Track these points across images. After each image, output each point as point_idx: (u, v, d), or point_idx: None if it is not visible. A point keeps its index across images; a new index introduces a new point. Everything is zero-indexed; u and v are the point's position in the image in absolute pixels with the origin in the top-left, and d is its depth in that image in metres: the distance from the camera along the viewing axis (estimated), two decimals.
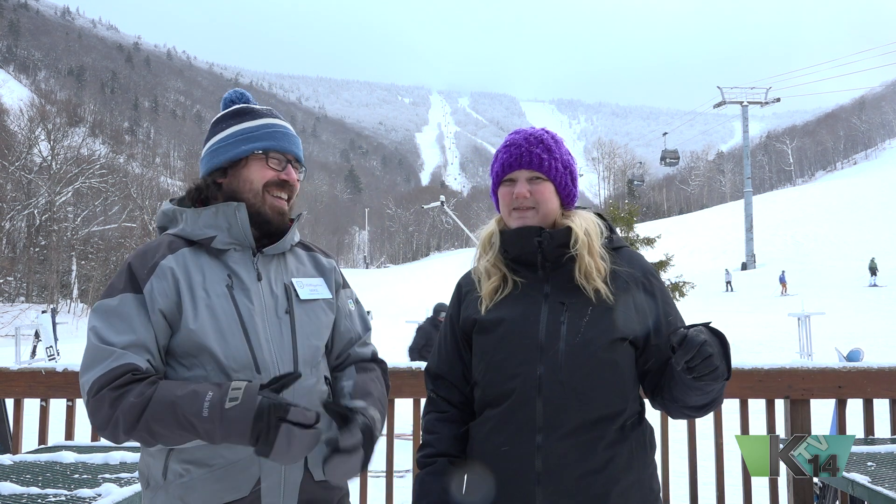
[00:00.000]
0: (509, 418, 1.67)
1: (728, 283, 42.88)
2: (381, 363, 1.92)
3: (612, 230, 1.84)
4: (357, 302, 1.93)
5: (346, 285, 1.93)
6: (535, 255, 1.73)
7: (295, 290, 1.74)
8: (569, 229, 1.73)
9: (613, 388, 1.66)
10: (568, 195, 1.79)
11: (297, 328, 1.71)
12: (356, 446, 1.56)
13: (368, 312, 8.71)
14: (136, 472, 2.35)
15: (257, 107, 1.82)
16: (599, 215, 1.89)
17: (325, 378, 1.78)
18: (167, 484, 1.60)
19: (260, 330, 1.65)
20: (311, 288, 1.78)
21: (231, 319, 1.62)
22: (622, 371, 1.68)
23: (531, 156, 1.75)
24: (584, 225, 1.74)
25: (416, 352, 9.40)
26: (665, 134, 59.96)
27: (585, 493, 1.62)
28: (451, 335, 1.85)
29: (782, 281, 39.13)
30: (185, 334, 1.59)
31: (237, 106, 1.82)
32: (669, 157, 57.94)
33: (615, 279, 1.71)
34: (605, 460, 1.63)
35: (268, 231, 1.73)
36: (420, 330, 9.58)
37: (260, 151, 1.72)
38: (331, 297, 1.82)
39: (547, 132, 1.83)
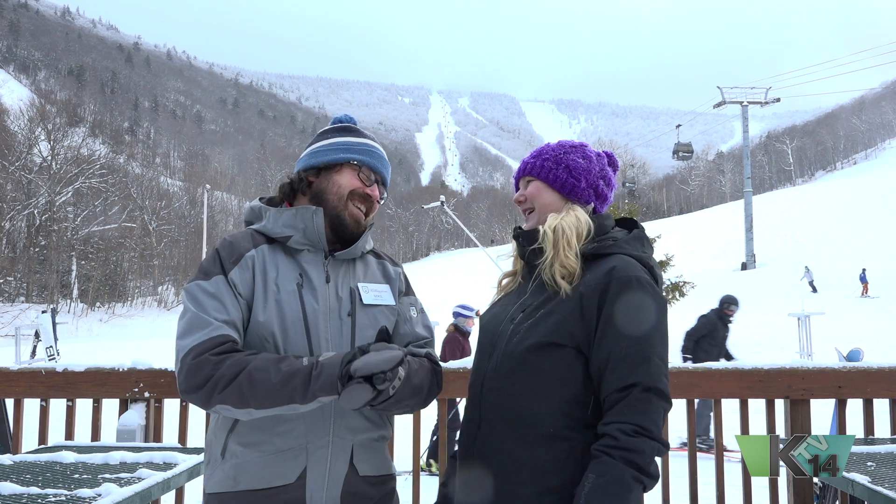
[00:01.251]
0: (465, 409, 1.82)
1: (811, 282, 37.53)
2: (434, 361, 1.91)
3: (609, 234, 1.79)
4: (421, 311, 1.99)
5: (409, 292, 2.00)
6: (525, 254, 1.83)
7: (359, 294, 1.83)
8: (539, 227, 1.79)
9: (534, 392, 1.65)
10: (563, 186, 1.82)
11: (356, 330, 1.79)
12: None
13: (477, 312, 8.56)
14: (137, 472, 2.36)
15: (364, 130, 1.98)
16: (632, 222, 1.87)
17: None
18: (224, 462, 1.72)
19: (321, 330, 1.75)
20: (375, 293, 1.87)
21: (296, 316, 1.73)
22: (547, 377, 1.64)
23: (522, 165, 1.91)
24: (558, 221, 1.76)
25: (692, 339, 8.96)
26: (678, 126, 57.30)
27: (501, 490, 1.65)
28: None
29: (863, 280, 33.96)
30: (254, 326, 1.71)
31: (346, 124, 1.98)
32: (683, 150, 55.45)
33: (581, 284, 1.68)
34: (522, 461, 1.63)
35: (342, 236, 1.85)
36: (703, 318, 9.15)
37: (355, 162, 1.87)
38: (394, 303, 1.91)
39: (559, 142, 1.94)
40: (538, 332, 1.67)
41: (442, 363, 2.13)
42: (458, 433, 1.85)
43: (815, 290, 37.14)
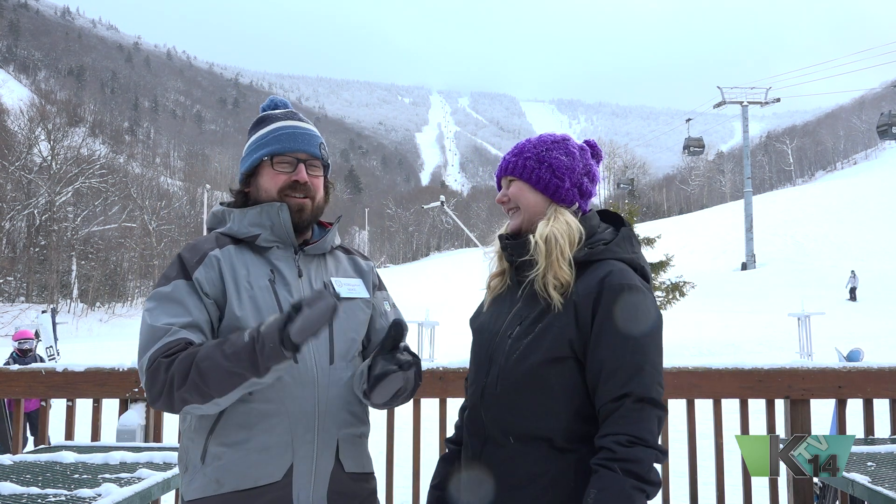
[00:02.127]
0: (467, 422, 1.80)
1: (853, 290, 33.95)
2: (414, 355, 1.89)
3: (598, 237, 1.75)
4: (394, 306, 1.98)
5: (381, 287, 1.99)
6: (512, 261, 1.79)
7: (333, 288, 1.81)
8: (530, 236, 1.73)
9: (543, 408, 1.64)
10: (546, 187, 1.75)
11: (334, 323, 1.74)
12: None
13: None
14: (137, 472, 2.36)
15: (275, 112, 1.88)
16: (615, 216, 1.85)
17: None
18: (205, 466, 1.67)
19: None
20: (349, 287, 1.85)
21: (271, 311, 1.70)
22: (555, 392, 1.64)
23: (503, 163, 1.84)
24: (549, 230, 1.70)
25: None
26: (688, 120, 52.99)
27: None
28: None
29: None
30: (230, 322, 1.69)
31: (260, 115, 1.89)
32: (694, 145, 51.74)
33: (573, 293, 1.65)
34: (534, 475, 1.63)
35: (301, 230, 1.82)
36: None
37: (266, 158, 1.80)
38: (368, 296, 1.89)
39: (540, 136, 1.86)
40: (541, 349, 1.64)
41: (425, 361, 2.14)
42: (463, 443, 1.84)
43: (854, 298, 33.78)
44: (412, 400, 3.28)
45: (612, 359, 1.59)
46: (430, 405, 3.29)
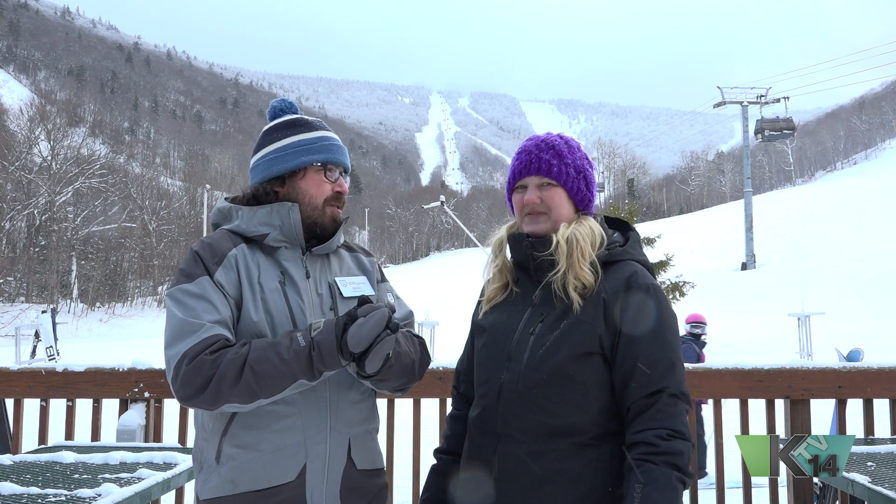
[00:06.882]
0: (478, 422, 1.77)
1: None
2: (418, 336, 1.93)
3: (612, 239, 1.78)
4: (397, 297, 2.00)
5: (384, 280, 2.02)
6: (529, 261, 1.76)
7: (338, 288, 1.84)
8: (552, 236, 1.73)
9: (570, 403, 1.65)
10: (582, 199, 1.80)
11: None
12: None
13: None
14: (137, 472, 2.36)
15: (311, 119, 1.90)
16: (622, 222, 1.87)
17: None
18: (220, 466, 1.69)
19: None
20: (353, 286, 1.87)
21: (282, 314, 1.73)
22: (584, 387, 1.65)
23: (540, 161, 1.77)
24: (572, 232, 1.71)
25: None
26: (761, 97, 47.39)
27: (536, 502, 1.64)
28: (469, 334, 1.96)
29: None
30: (245, 325, 1.71)
31: (291, 117, 1.90)
32: (769, 128, 46.49)
33: (598, 291, 1.68)
34: (554, 472, 1.63)
35: (317, 235, 1.84)
36: None
37: (319, 164, 1.82)
38: (373, 293, 1.91)
39: (561, 137, 1.84)
40: (569, 344, 1.65)
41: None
42: (467, 445, 1.80)
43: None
44: (412, 400, 3.28)
45: (646, 355, 1.63)
46: (430, 405, 3.29)
